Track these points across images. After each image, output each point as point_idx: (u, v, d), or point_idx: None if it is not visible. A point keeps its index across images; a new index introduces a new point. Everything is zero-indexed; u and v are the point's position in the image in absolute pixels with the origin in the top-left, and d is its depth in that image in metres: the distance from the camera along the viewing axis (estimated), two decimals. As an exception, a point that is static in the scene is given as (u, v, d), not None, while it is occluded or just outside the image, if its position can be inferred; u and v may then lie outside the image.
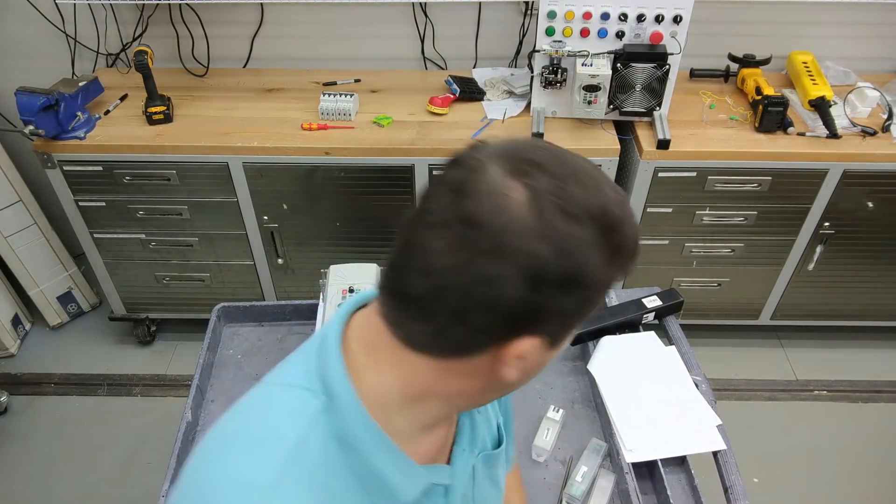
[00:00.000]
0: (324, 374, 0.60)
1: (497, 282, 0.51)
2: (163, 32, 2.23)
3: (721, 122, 2.03)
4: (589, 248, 0.52)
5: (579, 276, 0.52)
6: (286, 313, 1.51)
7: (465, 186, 0.52)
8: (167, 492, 1.14)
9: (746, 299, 2.28)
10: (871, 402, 2.28)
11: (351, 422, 0.58)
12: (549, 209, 0.51)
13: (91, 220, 2.10)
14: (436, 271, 0.52)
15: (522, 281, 0.51)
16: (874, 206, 2.02)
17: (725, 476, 1.17)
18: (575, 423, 1.31)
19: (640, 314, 1.44)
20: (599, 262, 0.53)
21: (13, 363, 2.44)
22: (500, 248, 0.50)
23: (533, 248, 0.50)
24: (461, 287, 0.51)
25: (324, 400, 0.59)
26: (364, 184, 2.00)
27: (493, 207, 0.50)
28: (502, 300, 0.51)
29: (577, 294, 0.53)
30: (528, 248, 0.50)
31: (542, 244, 0.50)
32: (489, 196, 0.51)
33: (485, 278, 0.51)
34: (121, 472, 2.09)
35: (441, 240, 0.52)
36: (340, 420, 0.58)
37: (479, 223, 0.50)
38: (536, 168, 0.52)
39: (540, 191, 0.51)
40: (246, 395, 0.64)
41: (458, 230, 0.51)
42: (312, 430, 0.58)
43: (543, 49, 1.90)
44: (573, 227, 0.51)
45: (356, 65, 2.30)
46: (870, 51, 2.25)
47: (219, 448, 0.59)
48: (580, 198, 0.52)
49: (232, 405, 0.64)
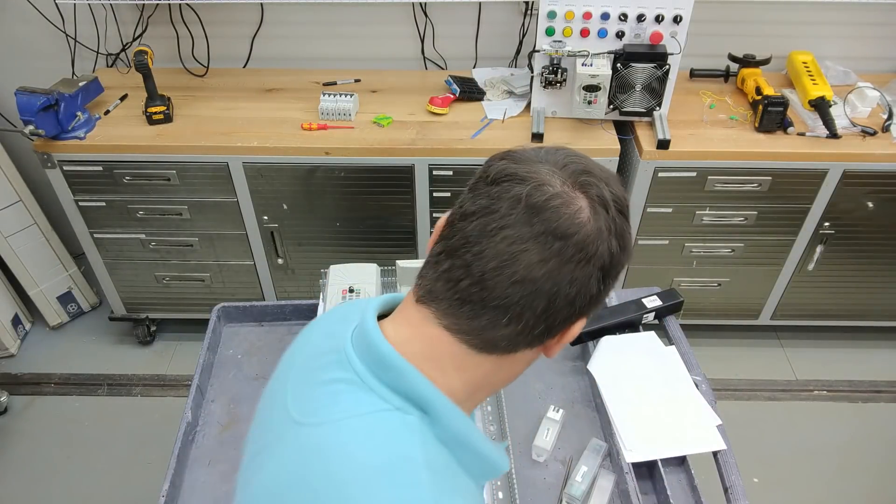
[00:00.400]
0: (407, 390, 0.62)
1: (583, 281, 0.59)
2: (163, 32, 2.23)
3: (721, 122, 2.03)
4: (630, 237, 0.62)
5: (624, 264, 0.62)
6: (286, 313, 1.51)
7: (535, 202, 0.58)
8: (167, 492, 1.14)
9: (746, 299, 2.28)
10: (871, 402, 2.28)
11: (455, 423, 0.62)
12: (612, 211, 0.59)
13: (91, 220, 2.10)
14: (528, 280, 0.58)
15: (600, 276, 0.60)
16: (874, 206, 2.02)
17: (725, 476, 1.17)
18: (575, 423, 1.30)
19: (640, 314, 1.44)
20: (630, 247, 0.63)
21: (13, 363, 2.44)
22: (586, 253, 0.58)
23: (610, 247, 0.59)
24: (552, 291, 0.58)
25: (418, 413, 0.62)
26: (364, 184, 2.00)
27: (571, 219, 0.58)
28: (585, 296, 0.60)
29: (617, 278, 0.63)
30: (605, 249, 0.59)
31: (614, 243, 0.59)
32: (563, 208, 0.58)
33: (573, 280, 0.58)
34: (121, 472, 2.09)
35: (529, 252, 0.58)
36: (443, 424, 0.62)
37: (562, 235, 0.57)
38: (589, 175, 0.60)
39: (602, 197, 0.59)
40: (306, 447, 0.61)
41: (544, 242, 0.57)
42: (425, 441, 0.61)
43: (543, 49, 1.90)
44: (628, 224, 0.61)
45: (356, 65, 2.30)
46: (870, 51, 2.25)
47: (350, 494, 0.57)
48: (622, 196, 0.61)
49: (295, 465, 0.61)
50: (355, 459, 0.58)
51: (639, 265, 2.19)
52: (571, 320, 0.62)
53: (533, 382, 1.37)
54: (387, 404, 0.61)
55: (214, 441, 1.28)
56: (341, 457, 0.59)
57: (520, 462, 1.23)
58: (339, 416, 0.61)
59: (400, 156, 1.94)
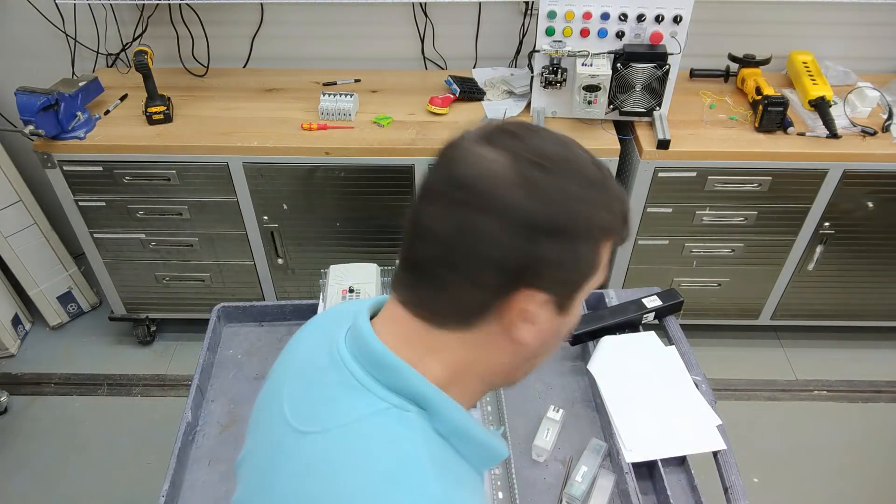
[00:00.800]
0: (402, 387, 0.62)
1: (494, 235, 0.56)
2: (163, 32, 2.23)
3: (721, 122, 2.03)
4: (575, 199, 0.58)
5: (568, 225, 0.57)
6: (286, 313, 1.51)
7: (449, 159, 0.60)
8: (167, 492, 1.14)
9: (746, 299, 2.28)
10: (871, 402, 2.28)
11: (452, 415, 0.63)
12: (526, 164, 0.57)
13: (91, 220, 2.10)
14: (439, 235, 0.58)
15: (516, 232, 0.56)
16: (874, 206, 2.02)
17: (725, 476, 1.17)
18: (575, 423, 1.30)
19: (640, 314, 1.44)
20: (587, 212, 0.58)
21: (13, 363, 2.44)
22: (490, 202, 0.56)
23: (516, 198, 0.56)
24: (463, 246, 0.57)
25: (416, 409, 0.62)
26: (364, 184, 2.00)
27: (478, 169, 0.57)
28: (500, 251, 0.57)
29: (569, 244, 0.58)
30: (512, 199, 0.56)
31: (523, 193, 0.56)
32: (472, 160, 0.58)
33: (482, 234, 0.56)
34: (121, 472, 2.09)
35: (439, 206, 0.58)
36: (441, 418, 0.62)
37: (467, 185, 0.57)
38: (509, 135, 0.60)
39: (516, 150, 0.58)
40: (313, 462, 0.61)
41: (451, 195, 0.58)
42: (426, 437, 0.61)
43: (543, 49, 1.90)
44: (551, 177, 0.57)
45: (356, 65, 2.30)
46: (870, 51, 2.25)
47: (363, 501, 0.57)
48: (553, 153, 0.58)
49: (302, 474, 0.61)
50: (361, 468, 0.58)
51: (639, 265, 2.19)
52: (507, 288, 0.58)
53: (533, 382, 1.37)
54: (385, 403, 0.61)
55: (214, 441, 1.28)
56: (347, 468, 0.59)
57: (520, 462, 1.23)
58: (340, 422, 0.61)
59: (400, 156, 1.94)
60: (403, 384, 0.62)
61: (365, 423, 0.61)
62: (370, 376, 0.63)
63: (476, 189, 0.57)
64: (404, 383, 0.62)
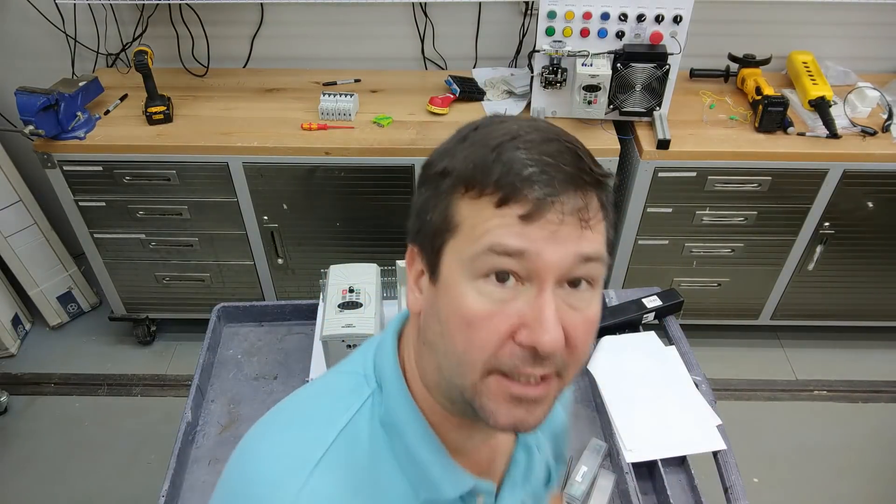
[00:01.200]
0: (377, 362, 0.64)
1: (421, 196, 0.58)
2: (163, 32, 2.23)
3: (721, 122, 2.03)
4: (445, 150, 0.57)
5: (425, 171, 0.58)
6: (286, 313, 1.51)
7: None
8: (167, 492, 1.14)
9: (746, 299, 2.28)
10: (871, 402, 2.28)
11: (396, 405, 0.60)
12: (474, 127, 0.57)
13: (91, 220, 2.10)
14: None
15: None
16: (874, 206, 2.02)
17: (725, 476, 1.17)
18: (575, 423, 1.30)
19: (640, 314, 1.44)
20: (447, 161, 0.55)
21: (13, 363, 2.44)
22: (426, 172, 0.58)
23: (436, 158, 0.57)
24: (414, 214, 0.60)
25: (375, 387, 0.62)
26: (364, 184, 2.00)
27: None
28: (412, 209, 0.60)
29: (423, 189, 0.57)
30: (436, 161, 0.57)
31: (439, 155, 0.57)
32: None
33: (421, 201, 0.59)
34: (121, 472, 2.09)
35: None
36: (387, 404, 0.61)
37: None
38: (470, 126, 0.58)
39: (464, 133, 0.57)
40: (314, 380, 0.67)
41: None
42: (363, 413, 0.61)
43: (543, 49, 1.90)
44: (455, 137, 0.57)
45: (356, 65, 2.30)
46: (870, 51, 2.25)
47: (273, 424, 0.62)
48: (506, 123, 0.55)
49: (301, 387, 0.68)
50: (299, 404, 0.63)
51: (639, 265, 2.19)
52: (410, 241, 0.61)
53: (533, 382, 1.37)
54: (362, 370, 0.64)
55: (214, 441, 1.28)
56: (296, 399, 0.64)
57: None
58: (335, 369, 0.68)
59: (400, 156, 1.94)
60: (378, 359, 0.64)
61: (334, 375, 0.66)
62: (371, 359, 0.65)
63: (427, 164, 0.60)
64: (378, 359, 0.64)
